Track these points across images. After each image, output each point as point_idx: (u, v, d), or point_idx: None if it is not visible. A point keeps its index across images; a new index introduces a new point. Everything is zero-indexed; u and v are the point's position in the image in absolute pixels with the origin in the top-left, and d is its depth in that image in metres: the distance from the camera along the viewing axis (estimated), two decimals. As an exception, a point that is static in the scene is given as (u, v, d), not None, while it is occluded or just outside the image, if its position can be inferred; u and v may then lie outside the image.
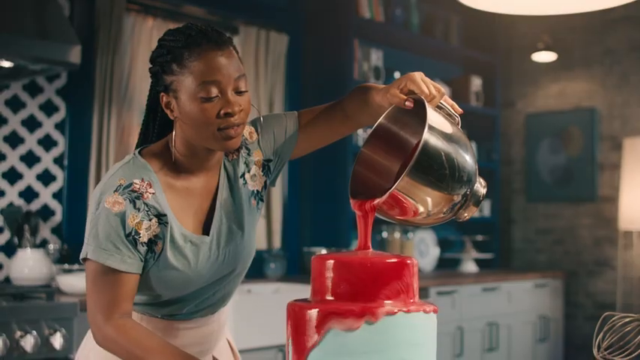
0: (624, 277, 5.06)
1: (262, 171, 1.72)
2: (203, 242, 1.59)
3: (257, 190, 1.71)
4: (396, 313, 1.24)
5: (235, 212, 1.65)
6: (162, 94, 1.55)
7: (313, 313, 1.26)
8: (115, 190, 1.51)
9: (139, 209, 1.51)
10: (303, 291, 3.67)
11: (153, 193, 1.54)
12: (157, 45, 1.56)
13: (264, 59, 4.31)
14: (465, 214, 1.46)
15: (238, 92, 1.51)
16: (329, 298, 1.30)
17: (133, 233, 1.50)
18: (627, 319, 1.83)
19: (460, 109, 1.49)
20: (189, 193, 1.61)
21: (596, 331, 1.85)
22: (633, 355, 1.79)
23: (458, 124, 1.47)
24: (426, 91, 1.45)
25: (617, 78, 5.30)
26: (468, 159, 1.40)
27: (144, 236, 1.51)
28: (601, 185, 5.35)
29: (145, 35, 3.88)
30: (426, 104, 1.40)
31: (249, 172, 1.69)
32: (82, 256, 1.53)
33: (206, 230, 1.61)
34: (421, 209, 1.38)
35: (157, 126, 1.66)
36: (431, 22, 5.21)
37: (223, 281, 1.66)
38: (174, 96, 1.52)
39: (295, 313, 1.29)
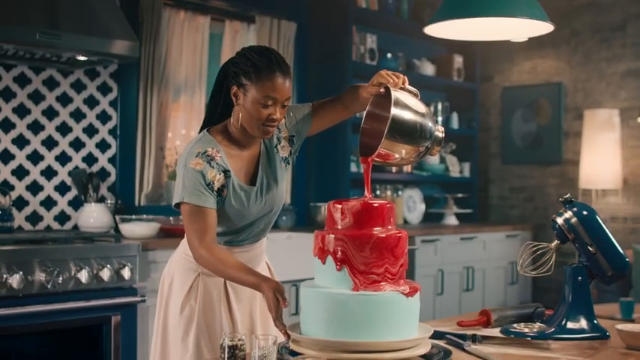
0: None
1: (288, 143, 2.48)
2: (252, 190, 2.36)
3: (285, 156, 2.48)
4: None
5: (272, 171, 2.42)
6: (234, 86, 2.26)
7: (328, 236, 2.05)
8: (196, 156, 2.27)
9: (213, 167, 2.26)
10: (309, 238, 4.38)
11: (220, 157, 2.29)
12: (242, 54, 2.26)
13: (276, 44, 5.00)
14: (434, 151, 2.21)
15: (283, 106, 2.25)
16: (337, 227, 2.09)
17: (210, 183, 2.24)
18: (540, 246, 2.64)
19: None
20: (241, 158, 2.37)
21: (519, 254, 2.66)
22: (543, 269, 2.60)
23: (417, 96, 2.18)
24: (390, 80, 2.18)
25: (581, 57, 5.92)
26: (426, 120, 2.12)
27: (216, 185, 2.26)
28: (566, 150, 5.99)
29: (177, 26, 4.59)
30: (391, 89, 2.13)
31: (279, 144, 2.46)
32: (176, 201, 2.26)
33: (253, 183, 2.39)
34: (398, 156, 2.13)
35: (219, 108, 2.42)
36: (419, 9, 5.79)
37: (265, 217, 2.44)
38: (243, 92, 2.24)
39: (318, 237, 2.09)
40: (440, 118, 5.90)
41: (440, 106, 5.91)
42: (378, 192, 5.56)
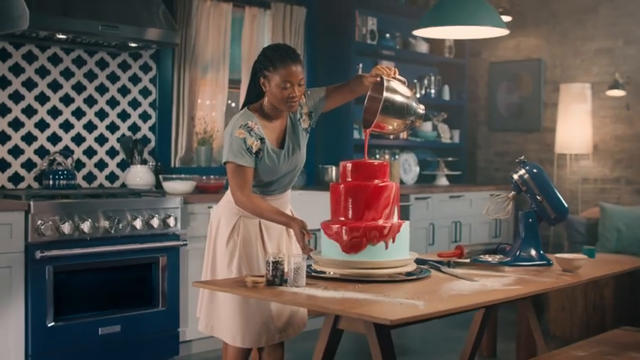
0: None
1: (308, 117, 3.22)
2: (281, 152, 3.09)
3: (306, 127, 3.21)
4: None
5: (296, 138, 3.16)
6: (261, 78, 3.00)
7: (341, 186, 2.83)
8: (240, 127, 3.00)
9: (252, 136, 3.00)
10: (318, 195, 5.08)
11: (257, 128, 3.03)
12: (262, 53, 2.98)
13: (288, 27, 5.68)
14: (417, 124, 3.00)
15: (299, 85, 2.98)
16: (348, 179, 2.87)
17: (249, 148, 2.98)
18: (502, 196, 3.41)
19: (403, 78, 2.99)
20: (273, 128, 3.11)
21: (486, 204, 3.42)
22: (501, 214, 3.36)
23: (405, 83, 2.95)
24: (384, 71, 2.95)
25: (558, 36, 6.54)
26: (410, 101, 2.88)
27: (254, 149, 2.99)
28: (544, 119, 6.62)
29: (204, 13, 5.28)
30: (384, 78, 2.90)
31: (301, 117, 3.20)
32: (224, 160, 3.02)
33: (281, 147, 3.13)
34: (391, 128, 2.92)
35: (254, 94, 3.16)
36: (414, -7, 6.51)
37: (290, 174, 3.17)
38: (267, 81, 2.97)
39: (333, 187, 2.87)
40: (433, 90, 6.61)
41: (433, 80, 6.62)
42: (377, 155, 6.26)
